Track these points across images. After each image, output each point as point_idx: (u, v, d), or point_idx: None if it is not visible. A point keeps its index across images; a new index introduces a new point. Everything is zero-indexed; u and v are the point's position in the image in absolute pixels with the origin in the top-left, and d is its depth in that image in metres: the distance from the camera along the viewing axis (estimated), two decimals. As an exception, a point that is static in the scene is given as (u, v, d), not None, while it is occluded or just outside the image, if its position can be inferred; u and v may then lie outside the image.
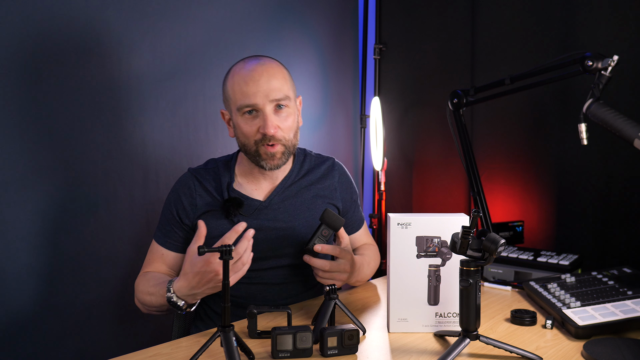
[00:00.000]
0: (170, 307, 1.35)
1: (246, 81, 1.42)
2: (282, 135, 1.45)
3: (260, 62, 1.46)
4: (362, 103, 2.63)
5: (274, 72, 1.44)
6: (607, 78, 1.48)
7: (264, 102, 1.42)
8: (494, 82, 1.80)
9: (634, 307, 1.30)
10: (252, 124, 1.44)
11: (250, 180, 1.54)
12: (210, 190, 1.51)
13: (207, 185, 1.51)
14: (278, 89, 1.43)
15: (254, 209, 1.50)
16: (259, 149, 1.45)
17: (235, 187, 1.52)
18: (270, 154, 1.45)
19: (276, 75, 1.44)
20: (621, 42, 1.86)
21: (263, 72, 1.43)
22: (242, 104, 1.43)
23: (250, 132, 1.44)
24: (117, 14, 1.73)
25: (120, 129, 1.76)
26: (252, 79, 1.42)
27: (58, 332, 1.64)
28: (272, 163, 1.46)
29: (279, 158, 1.46)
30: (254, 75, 1.42)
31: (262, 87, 1.41)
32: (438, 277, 1.28)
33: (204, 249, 1.10)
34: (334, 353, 1.15)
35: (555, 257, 1.70)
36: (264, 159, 1.45)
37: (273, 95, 1.42)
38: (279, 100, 1.43)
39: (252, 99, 1.41)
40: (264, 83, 1.42)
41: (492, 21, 2.21)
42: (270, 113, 1.43)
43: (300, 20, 2.33)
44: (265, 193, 1.53)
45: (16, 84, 1.54)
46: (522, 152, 2.14)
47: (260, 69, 1.44)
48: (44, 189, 1.59)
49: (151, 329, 1.85)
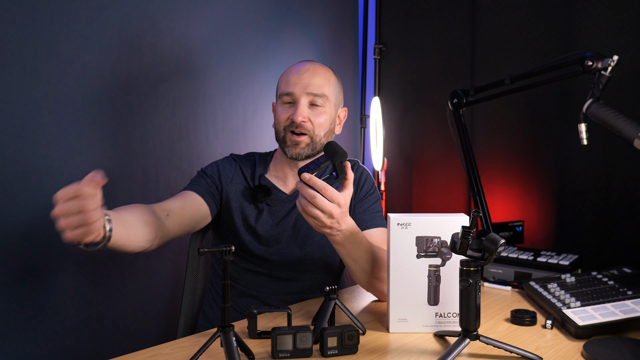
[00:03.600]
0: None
1: (292, 73, 1.56)
2: (310, 127, 1.53)
3: (311, 62, 1.59)
4: (362, 103, 2.63)
5: (319, 72, 1.56)
6: (607, 78, 1.48)
7: (301, 93, 1.52)
8: (494, 82, 1.81)
9: (634, 307, 1.30)
10: (287, 112, 1.54)
11: (280, 175, 1.63)
12: (246, 176, 1.62)
13: (244, 170, 1.62)
14: (318, 85, 1.53)
15: (280, 201, 1.59)
16: (286, 136, 1.54)
17: (267, 177, 1.63)
18: (295, 142, 1.53)
19: (320, 75, 1.55)
20: (621, 42, 1.86)
21: (309, 68, 1.56)
22: (282, 92, 1.55)
23: (282, 119, 1.54)
24: (117, 14, 1.73)
25: (120, 129, 1.76)
26: (298, 72, 1.55)
27: (58, 332, 1.64)
28: (294, 151, 1.53)
29: (302, 148, 1.53)
30: (301, 70, 1.56)
31: (303, 80, 1.53)
32: (438, 277, 1.28)
33: (204, 250, 1.10)
34: (334, 353, 1.15)
35: (555, 257, 1.70)
36: (288, 145, 1.54)
37: (310, 89, 1.52)
38: (315, 96, 1.53)
39: (291, 88, 1.53)
40: (306, 77, 1.53)
41: (492, 21, 2.21)
42: (304, 104, 1.52)
43: (300, 20, 2.33)
44: (291, 190, 1.61)
45: (16, 84, 1.53)
46: (522, 152, 2.14)
47: (308, 66, 1.57)
48: (44, 188, 1.59)
49: (151, 329, 1.85)
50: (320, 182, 1.23)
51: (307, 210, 1.24)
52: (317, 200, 1.22)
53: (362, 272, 1.42)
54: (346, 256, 1.39)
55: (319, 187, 1.22)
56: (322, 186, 1.22)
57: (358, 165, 1.68)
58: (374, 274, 1.42)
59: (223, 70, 2.04)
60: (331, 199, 1.23)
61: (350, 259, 1.39)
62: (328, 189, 1.23)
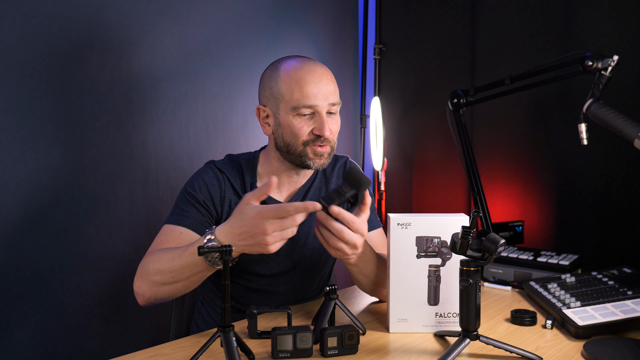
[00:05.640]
0: (194, 265, 1.23)
1: (307, 81, 1.40)
2: (332, 137, 1.44)
3: (316, 63, 1.45)
4: (362, 103, 2.63)
5: (331, 76, 1.45)
6: (607, 78, 1.48)
7: (324, 104, 1.41)
8: (494, 82, 1.80)
9: (634, 307, 1.30)
10: (307, 125, 1.41)
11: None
12: (236, 188, 1.48)
13: (233, 181, 1.49)
14: (334, 93, 1.43)
15: None
16: (306, 149, 1.42)
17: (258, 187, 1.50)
18: (320, 154, 1.43)
19: (332, 80, 1.45)
20: (621, 42, 1.86)
21: (323, 74, 1.42)
22: (301, 104, 1.40)
23: (303, 133, 1.41)
24: (117, 14, 1.73)
25: (120, 129, 1.76)
26: (313, 79, 1.40)
27: (58, 332, 1.64)
28: (319, 162, 1.44)
29: (326, 158, 1.44)
30: (315, 76, 1.41)
31: (322, 90, 1.40)
32: (438, 277, 1.28)
33: (203, 249, 1.10)
34: (334, 353, 1.15)
35: (555, 257, 1.70)
36: (311, 158, 1.43)
37: (331, 99, 1.42)
38: (334, 105, 1.43)
39: (312, 100, 1.39)
40: (324, 86, 1.41)
41: (492, 21, 2.21)
42: (326, 116, 1.42)
43: (300, 20, 2.33)
44: (285, 197, 1.52)
45: (16, 84, 1.54)
46: (522, 152, 2.14)
47: (320, 70, 1.43)
48: (44, 189, 1.59)
49: (151, 329, 1.85)
50: (348, 216, 1.21)
51: (331, 244, 1.23)
52: (344, 235, 1.21)
53: (369, 283, 1.44)
54: (357, 273, 1.40)
55: (347, 220, 1.21)
56: (351, 220, 1.21)
57: (349, 162, 1.63)
58: (381, 283, 1.43)
59: (223, 70, 2.04)
60: (356, 231, 1.22)
61: (361, 275, 1.41)
62: (355, 221, 1.22)
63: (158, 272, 1.29)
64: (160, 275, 1.29)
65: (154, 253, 1.34)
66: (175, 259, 1.26)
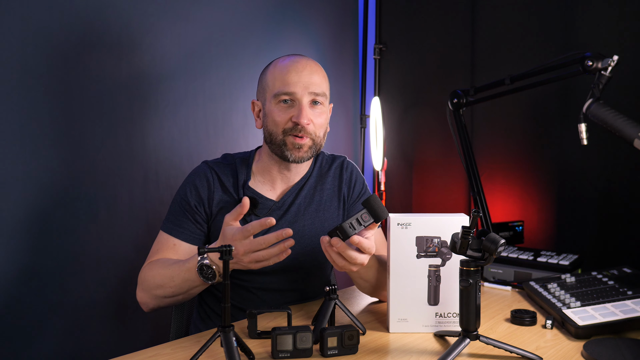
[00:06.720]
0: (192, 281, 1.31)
1: (289, 70, 1.43)
2: (313, 129, 1.43)
3: (304, 57, 1.48)
4: (362, 103, 2.63)
5: (316, 69, 1.46)
6: (607, 78, 1.48)
7: (303, 92, 1.42)
8: (494, 82, 1.80)
9: (634, 307, 1.30)
10: (286, 113, 1.43)
11: (267, 180, 1.52)
12: (227, 187, 1.49)
13: (224, 180, 1.49)
14: (318, 84, 1.44)
15: (267, 209, 1.49)
16: (286, 138, 1.43)
17: (251, 185, 1.51)
18: (298, 145, 1.43)
19: (318, 72, 1.46)
20: (621, 42, 1.86)
21: (306, 65, 1.45)
22: (280, 91, 1.42)
23: (281, 121, 1.43)
24: (117, 14, 1.73)
25: (120, 129, 1.76)
26: (295, 69, 1.43)
27: (58, 332, 1.64)
28: (297, 154, 1.44)
29: (305, 151, 1.44)
30: (298, 66, 1.44)
31: (304, 79, 1.42)
32: (438, 277, 1.28)
33: (204, 249, 1.10)
34: (334, 353, 1.15)
35: (555, 257, 1.70)
36: (289, 149, 1.43)
37: (313, 88, 1.43)
38: (317, 95, 1.44)
39: (291, 87, 1.42)
40: (306, 75, 1.43)
41: (492, 21, 2.22)
42: (306, 105, 1.43)
43: (300, 20, 2.33)
44: (279, 194, 1.52)
45: (16, 84, 1.53)
46: (522, 152, 2.14)
47: (304, 62, 1.46)
48: (44, 189, 1.59)
49: (151, 329, 1.85)
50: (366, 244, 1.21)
51: (345, 269, 1.26)
52: (356, 260, 1.23)
53: (370, 286, 1.46)
54: (358, 278, 1.43)
55: (364, 247, 1.21)
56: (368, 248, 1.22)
57: (347, 162, 1.62)
58: (381, 286, 1.44)
59: (223, 70, 2.04)
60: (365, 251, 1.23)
61: (362, 280, 1.43)
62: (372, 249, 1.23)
63: (159, 286, 1.37)
64: (162, 290, 1.37)
65: (153, 267, 1.40)
66: (174, 277, 1.34)
